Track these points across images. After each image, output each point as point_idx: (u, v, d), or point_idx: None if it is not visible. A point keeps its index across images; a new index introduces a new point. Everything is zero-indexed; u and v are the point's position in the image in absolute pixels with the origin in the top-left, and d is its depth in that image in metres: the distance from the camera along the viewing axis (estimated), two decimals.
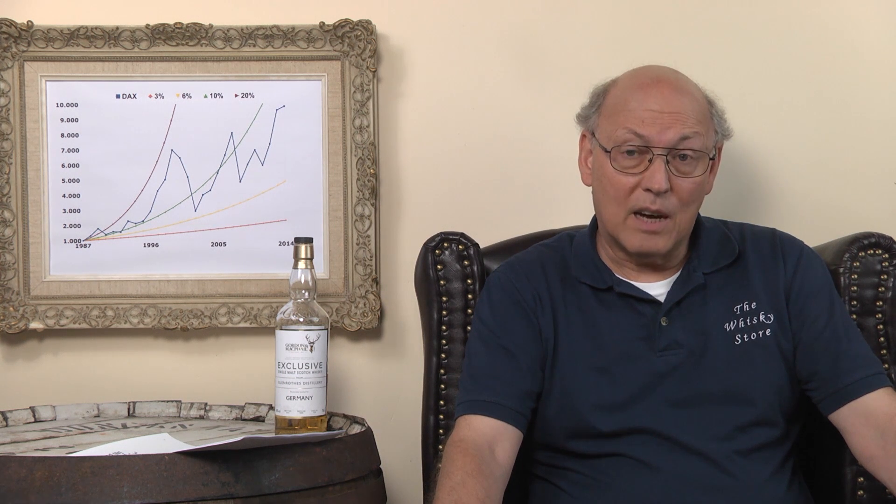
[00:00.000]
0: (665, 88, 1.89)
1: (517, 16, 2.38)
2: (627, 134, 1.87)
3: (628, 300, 1.93)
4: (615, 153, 1.88)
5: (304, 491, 1.80)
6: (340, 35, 2.33)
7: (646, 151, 1.87)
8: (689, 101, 1.89)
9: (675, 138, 1.86)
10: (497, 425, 1.88)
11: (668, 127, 1.86)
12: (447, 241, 2.16)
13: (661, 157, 1.86)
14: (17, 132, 2.34)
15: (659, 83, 1.90)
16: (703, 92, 1.94)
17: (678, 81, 1.92)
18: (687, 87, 1.91)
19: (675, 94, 1.89)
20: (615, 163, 1.88)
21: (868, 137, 2.37)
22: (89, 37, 2.33)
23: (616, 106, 1.91)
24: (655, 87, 1.90)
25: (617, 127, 1.89)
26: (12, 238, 2.34)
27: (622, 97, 1.91)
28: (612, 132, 1.89)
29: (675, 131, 1.86)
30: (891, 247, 2.09)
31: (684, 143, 1.87)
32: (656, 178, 1.85)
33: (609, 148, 1.89)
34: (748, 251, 1.97)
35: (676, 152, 1.87)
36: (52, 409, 2.23)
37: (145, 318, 2.35)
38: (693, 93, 1.91)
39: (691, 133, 1.87)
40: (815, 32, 2.37)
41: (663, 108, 1.87)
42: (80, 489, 1.68)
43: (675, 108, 1.87)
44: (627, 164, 1.88)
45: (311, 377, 2.00)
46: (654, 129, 1.86)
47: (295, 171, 2.36)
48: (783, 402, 1.91)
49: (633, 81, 1.93)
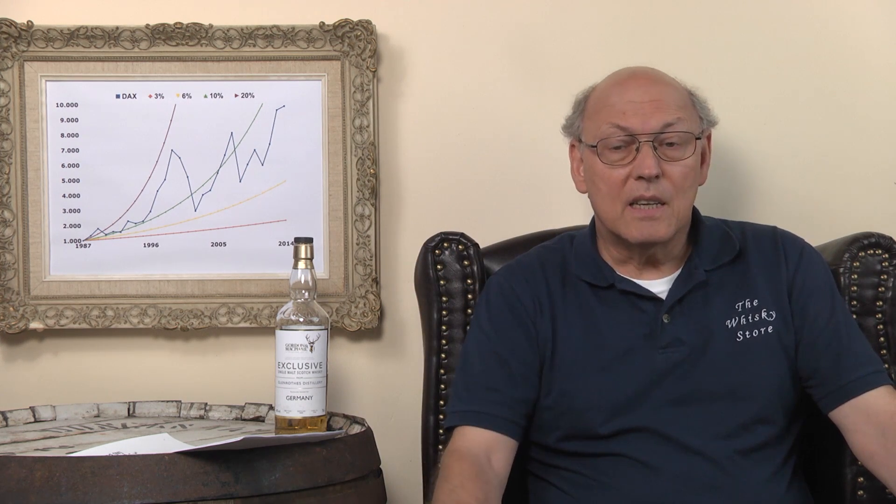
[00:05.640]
0: (642, 80, 1.92)
1: (517, 16, 2.38)
2: (611, 128, 1.89)
3: (630, 297, 1.93)
4: (602, 148, 1.89)
5: (304, 491, 1.80)
6: (340, 35, 2.33)
7: (632, 141, 1.88)
8: (668, 89, 1.92)
9: (658, 125, 1.87)
10: (491, 436, 1.89)
11: (650, 115, 1.88)
12: (447, 241, 2.16)
13: (647, 143, 1.87)
14: (17, 132, 2.34)
15: (636, 76, 1.93)
16: (682, 83, 1.96)
17: (655, 73, 1.95)
18: (664, 78, 1.94)
19: (653, 84, 1.91)
20: (603, 157, 1.89)
21: (868, 137, 2.37)
22: (89, 37, 2.33)
23: (597, 105, 1.93)
24: (633, 80, 1.92)
25: (600, 123, 1.91)
26: (12, 238, 2.34)
27: (602, 96, 1.94)
28: (597, 129, 1.91)
29: (658, 118, 1.88)
30: (891, 247, 2.09)
31: (669, 129, 1.88)
32: (646, 163, 1.86)
33: (595, 143, 1.90)
34: (749, 249, 1.97)
35: (663, 138, 1.88)
36: (52, 409, 2.23)
37: (145, 318, 2.35)
38: (671, 83, 1.94)
39: (674, 119, 1.88)
40: (814, 32, 2.37)
41: (643, 98, 1.89)
42: (80, 489, 1.68)
43: (655, 97, 1.89)
44: (615, 157, 1.89)
45: (311, 377, 2.00)
46: (636, 119, 1.88)
47: (295, 171, 2.36)
48: (784, 399, 1.91)
49: (612, 80, 1.96)
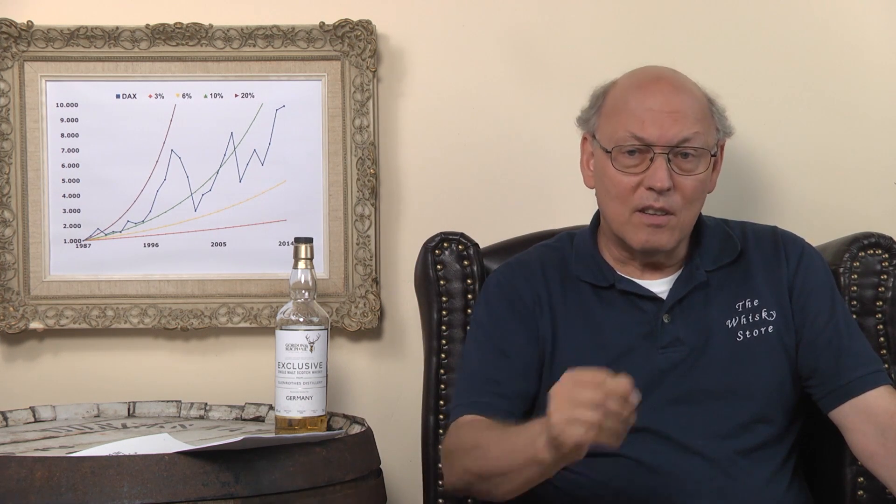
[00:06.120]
0: (664, 87, 1.89)
1: (517, 15, 2.38)
2: (628, 135, 1.87)
3: (630, 297, 1.93)
4: (616, 153, 1.88)
5: (304, 491, 1.80)
6: (340, 35, 2.33)
7: (647, 151, 1.87)
8: (689, 100, 1.89)
9: (675, 139, 1.86)
10: None
11: (668, 127, 1.86)
12: (447, 241, 2.16)
13: (662, 155, 1.86)
14: (17, 132, 2.34)
15: (658, 82, 1.90)
16: (702, 90, 1.94)
17: (677, 80, 1.92)
18: (686, 86, 1.92)
19: (674, 93, 1.89)
20: (616, 163, 1.88)
21: (868, 137, 2.37)
22: (89, 37, 2.33)
23: (615, 106, 1.91)
24: (655, 85, 1.90)
25: (617, 128, 1.89)
26: (12, 238, 2.34)
27: (621, 97, 1.91)
28: (613, 133, 1.89)
29: (676, 131, 1.86)
30: (891, 247, 2.09)
31: (685, 144, 1.87)
32: (658, 176, 1.85)
33: (610, 148, 1.89)
34: (750, 249, 1.97)
35: (678, 150, 1.87)
36: (52, 409, 2.23)
37: (145, 318, 2.35)
38: (693, 91, 1.91)
39: (691, 134, 1.87)
40: (815, 32, 2.37)
41: (663, 108, 1.87)
42: (80, 489, 1.68)
43: (675, 108, 1.87)
44: (629, 163, 1.88)
45: (311, 377, 2.00)
46: (654, 130, 1.86)
47: (295, 171, 2.36)
48: (784, 398, 1.92)
49: (632, 81, 1.93)
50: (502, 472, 1.74)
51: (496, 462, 1.75)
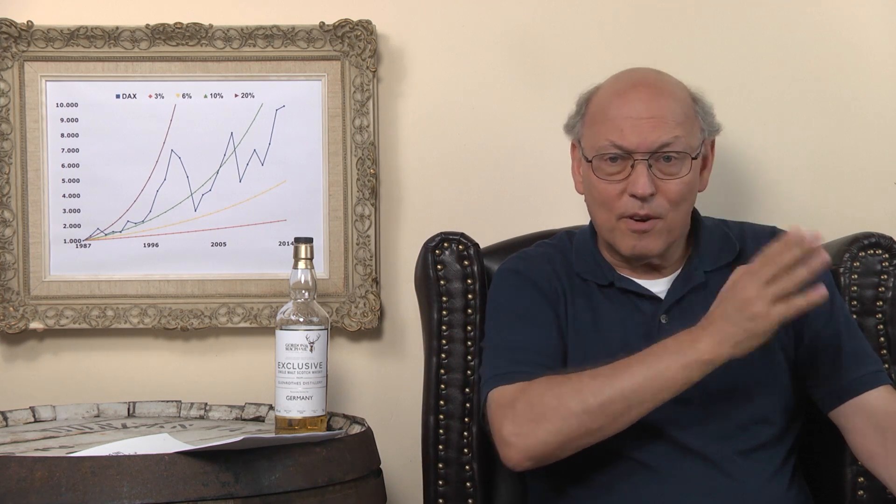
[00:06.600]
0: (643, 93, 1.89)
1: (517, 16, 2.38)
2: (608, 143, 1.88)
3: (629, 296, 1.94)
4: (597, 162, 1.89)
5: (304, 491, 1.80)
6: (340, 35, 2.33)
7: (627, 158, 1.87)
8: (670, 103, 1.88)
9: (654, 144, 1.86)
10: None
11: (647, 133, 1.86)
12: (447, 241, 2.16)
13: (642, 162, 1.86)
14: (17, 132, 2.34)
15: (637, 87, 1.90)
16: (686, 90, 1.93)
17: (658, 83, 1.91)
18: (667, 88, 1.91)
19: (653, 98, 1.88)
20: (598, 171, 1.89)
21: (868, 137, 2.37)
22: (89, 37, 2.33)
23: (596, 115, 1.92)
24: (633, 92, 1.89)
25: (598, 137, 1.89)
26: (12, 238, 2.34)
27: (602, 105, 1.91)
28: (595, 142, 1.90)
29: (655, 137, 1.86)
30: (891, 247, 2.09)
31: (665, 149, 1.87)
32: (639, 182, 1.85)
33: (591, 157, 1.90)
34: (749, 249, 1.96)
35: (659, 155, 1.87)
36: (52, 409, 2.23)
37: (145, 318, 2.35)
38: (674, 93, 1.91)
39: (671, 138, 1.86)
40: (814, 32, 2.37)
41: (641, 114, 1.87)
42: (80, 489, 1.68)
43: (654, 113, 1.87)
44: (611, 170, 1.88)
45: (311, 377, 2.00)
46: (633, 137, 1.86)
47: (295, 171, 2.36)
48: (783, 399, 1.91)
49: (613, 88, 1.93)
50: (634, 391, 1.75)
51: (629, 382, 1.75)
